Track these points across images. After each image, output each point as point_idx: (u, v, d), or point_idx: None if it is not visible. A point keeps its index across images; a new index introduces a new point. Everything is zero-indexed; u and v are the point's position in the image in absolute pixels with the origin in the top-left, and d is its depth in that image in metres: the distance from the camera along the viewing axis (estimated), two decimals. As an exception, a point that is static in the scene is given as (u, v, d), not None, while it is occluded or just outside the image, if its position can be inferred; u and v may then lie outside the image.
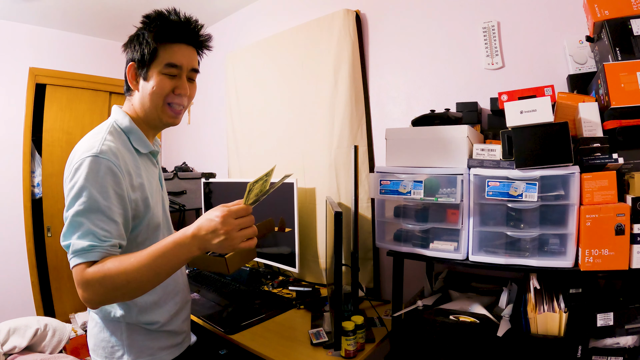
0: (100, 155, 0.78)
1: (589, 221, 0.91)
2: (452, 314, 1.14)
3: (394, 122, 1.75)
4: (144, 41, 0.86)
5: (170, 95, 0.89)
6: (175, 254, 0.72)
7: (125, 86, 0.93)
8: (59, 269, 2.66)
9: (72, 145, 0.86)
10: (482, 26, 1.48)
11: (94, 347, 0.92)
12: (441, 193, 1.11)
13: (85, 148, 0.80)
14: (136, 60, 0.87)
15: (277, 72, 2.14)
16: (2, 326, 1.85)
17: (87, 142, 0.82)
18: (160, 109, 0.90)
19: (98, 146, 0.79)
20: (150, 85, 0.87)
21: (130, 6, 2.37)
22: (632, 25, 0.99)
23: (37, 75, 2.54)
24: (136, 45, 0.87)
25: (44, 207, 2.62)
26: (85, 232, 0.73)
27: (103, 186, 0.77)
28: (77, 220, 0.74)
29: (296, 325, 1.44)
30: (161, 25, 0.86)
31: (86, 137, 0.86)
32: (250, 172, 2.35)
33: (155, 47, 0.85)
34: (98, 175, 0.76)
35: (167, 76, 0.87)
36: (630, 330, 0.94)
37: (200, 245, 0.72)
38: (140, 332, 0.90)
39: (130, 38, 0.91)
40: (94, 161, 0.77)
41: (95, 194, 0.75)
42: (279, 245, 1.87)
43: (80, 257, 0.72)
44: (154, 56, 0.86)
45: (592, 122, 1.02)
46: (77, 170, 0.77)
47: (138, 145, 0.91)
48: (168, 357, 0.95)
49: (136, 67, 0.88)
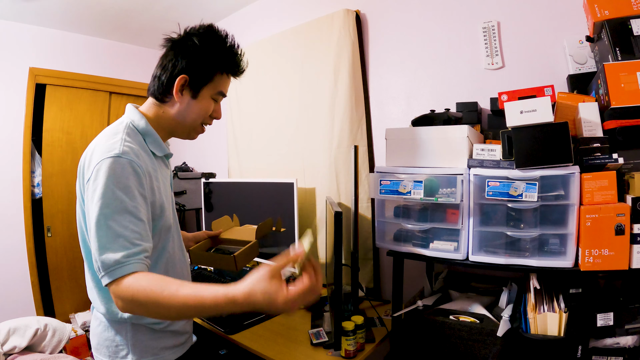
0: (123, 156, 0.77)
1: (589, 221, 0.91)
2: (452, 314, 1.14)
3: (394, 122, 1.75)
4: (206, 64, 0.87)
5: (207, 117, 0.94)
6: (224, 308, 0.67)
7: (160, 90, 0.89)
8: (59, 269, 2.66)
9: (72, 145, 0.86)
10: (482, 26, 1.48)
11: (96, 346, 0.92)
12: (441, 193, 1.11)
13: (104, 149, 0.78)
14: (191, 76, 0.87)
15: (277, 72, 2.14)
16: (2, 326, 1.85)
17: (105, 143, 0.80)
18: (195, 127, 0.94)
19: (119, 147, 0.78)
20: (198, 105, 0.90)
21: (130, 6, 2.37)
22: (632, 25, 0.99)
23: (37, 75, 2.54)
24: (195, 63, 0.86)
25: (44, 207, 2.61)
26: (115, 236, 0.72)
27: (128, 186, 0.76)
28: (106, 224, 0.73)
29: (296, 325, 1.44)
30: (230, 60, 0.90)
31: (102, 137, 0.84)
32: (250, 172, 2.36)
33: (215, 73, 0.89)
34: (122, 176, 0.76)
35: (214, 101, 0.93)
36: (630, 330, 0.94)
37: (249, 308, 0.66)
38: (145, 331, 0.90)
39: (186, 50, 0.86)
40: (116, 162, 0.76)
41: (121, 194, 0.75)
42: (279, 245, 1.87)
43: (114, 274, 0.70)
44: (209, 80, 0.89)
45: (592, 122, 1.02)
46: (99, 172, 0.75)
47: (154, 148, 0.91)
48: (171, 357, 0.95)
49: (187, 82, 0.87)
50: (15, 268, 2.45)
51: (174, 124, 0.92)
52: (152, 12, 2.47)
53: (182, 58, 0.86)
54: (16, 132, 2.47)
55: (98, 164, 0.76)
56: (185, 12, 2.51)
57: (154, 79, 0.91)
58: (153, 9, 2.43)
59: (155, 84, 0.90)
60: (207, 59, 0.87)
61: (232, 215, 1.37)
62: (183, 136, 0.97)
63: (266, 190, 1.93)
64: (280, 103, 2.14)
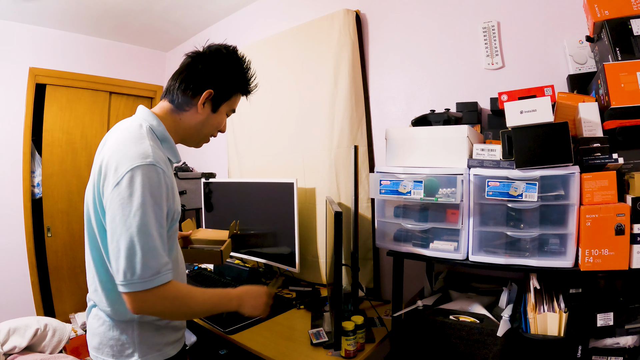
0: (157, 165, 0.78)
1: (589, 221, 0.91)
2: (452, 314, 1.14)
3: (394, 122, 1.75)
4: (230, 84, 0.94)
5: (217, 131, 1.01)
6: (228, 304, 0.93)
7: (185, 99, 0.92)
8: (59, 269, 2.66)
9: (72, 145, 0.86)
10: (482, 26, 1.48)
11: (98, 346, 0.92)
12: (441, 193, 1.10)
13: (135, 154, 0.77)
14: (215, 91, 0.92)
15: (277, 72, 2.14)
16: (2, 326, 1.85)
17: (135, 148, 0.79)
18: (205, 137, 1.00)
19: (152, 154, 0.79)
20: (216, 119, 0.97)
21: (130, 6, 2.37)
22: (632, 25, 0.99)
23: (37, 75, 2.54)
24: (222, 80, 0.93)
25: (44, 207, 2.61)
26: (154, 246, 0.76)
27: (160, 197, 0.79)
28: (147, 232, 0.75)
29: (296, 325, 1.44)
30: (248, 84, 0.99)
31: (127, 139, 0.82)
32: (250, 172, 2.35)
33: (234, 93, 0.98)
34: (156, 186, 0.78)
35: (226, 116, 1.01)
36: (630, 330, 0.94)
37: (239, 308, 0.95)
38: (150, 328, 0.92)
39: (216, 67, 0.92)
40: (151, 170, 0.77)
41: (156, 205, 0.77)
42: (278, 245, 1.87)
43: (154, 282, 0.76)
44: (228, 98, 0.96)
45: (592, 122, 1.02)
46: (134, 179, 0.75)
47: (170, 154, 0.92)
48: (172, 352, 0.97)
49: (211, 96, 0.92)
50: (15, 268, 2.45)
51: (191, 132, 0.96)
52: (152, 12, 2.47)
53: (210, 73, 0.91)
54: (16, 132, 2.47)
55: (131, 170, 0.76)
56: (186, 12, 2.51)
57: (177, 86, 0.92)
58: (153, 9, 2.43)
59: (178, 91, 0.92)
60: (232, 79, 0.94)
61: (192, 218, 1.57)
62: (192, 144, 1.01)
63: (266, 190, 1.93)
64: (281, 103, 2.14)
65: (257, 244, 2.00)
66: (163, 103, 0.95)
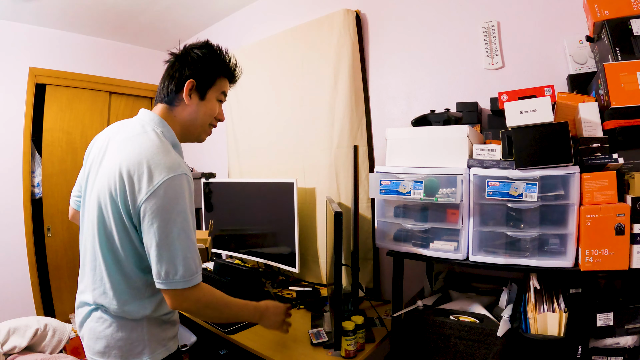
0: (187, 174, 0.86)
1: (589, 221, 0.91)
2: (452, 314, 1.14)
3: (394, 122, 1.74)
4: (209, 69, 0.97)
5: (213, 119, 1.03)
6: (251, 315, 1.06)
7: (172, 96, 0.96)
8: (59, 269, 2.66)
9: (72, 145, 0.87)
10: (482, 26, 1.48)
11: (104, 350, 0.90)
12: (441, 193, 1.10)
13: (169, 165, 0.83)
14: (197, 80, 0.95)
15: (277, 72, 2.14)
16: (2, 326, 1.85)
17: (166, 159, 0.84)
18: (205, 127, 1.02)
19: (181, 164, 0.86)
20: (207, 105, 0.99)
21: (130, 6, 2.37)
22: (632, 25, 0.99)
23: (37, 75, 2.54)
24: (199, 69, 0.95)
25: (44, 207, 2.61)
26: (193, 249, 0.85)
27: (192, 204, 0.87)
28: (187, 237, 0.83)
29: (296, 325, 1.44)
30: (227, 66, 1.01)
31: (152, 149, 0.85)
32: (250, 172, 2.35)
33: (217, 77, 0.99)
34: (190, 194, 0.86)
35: (219, 102, 1.02)
36: (630, 330, 0.94)
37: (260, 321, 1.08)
38: (157, 324, 0.94)
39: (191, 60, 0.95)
40: (184, 179, 0.84)
41: (190, 213, 0.85)
42: (278, 245, 1.87)
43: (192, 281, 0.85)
44: (212, 83, 0.98)
45: (592, 122, 1.02)
46: (170, 189, 0.81)
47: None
48: (174, 347, 0.99)
49: (195, 85, 0.95)
50: (15, 268, 2.45)
51: (187, 126, 0.99)
52: (152, 12, 2.47)
53: (187, 67, 0.95)
54: (16, 132, 2.46)
55: (168, 180, 0.81)
56: (185, 12, 2.51)
57: (164, 87, 0.97)
58: (153, 9, 2.43)
59: (165, 90, 0.96)
60: (209, 65, 0.96)
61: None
62: (193, 139, 1.03)
63: (266, 190, 1.93)
64: (280, 103, 2.14)
65: (257, 244, 2.00)
66: (158, 106, 0.98)
